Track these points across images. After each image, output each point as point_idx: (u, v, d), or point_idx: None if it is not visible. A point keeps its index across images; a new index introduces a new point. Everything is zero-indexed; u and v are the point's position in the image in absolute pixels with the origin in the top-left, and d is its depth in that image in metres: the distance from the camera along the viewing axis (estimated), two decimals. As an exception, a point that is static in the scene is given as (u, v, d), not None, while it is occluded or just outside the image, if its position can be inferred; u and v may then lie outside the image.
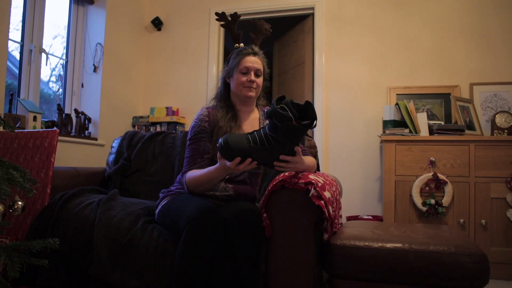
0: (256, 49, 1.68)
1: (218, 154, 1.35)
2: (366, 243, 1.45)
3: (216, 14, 1.75)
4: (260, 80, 1.66)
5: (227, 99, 1.70)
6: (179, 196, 1.56)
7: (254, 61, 1.63)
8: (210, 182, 1.48)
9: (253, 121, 1.72)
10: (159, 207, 1.60)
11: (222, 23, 1.77)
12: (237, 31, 1.77)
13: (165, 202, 1.59)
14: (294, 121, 1.23)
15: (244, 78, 1.61)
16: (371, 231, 1.61)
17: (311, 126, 1.27)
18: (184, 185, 1.56)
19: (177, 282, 1.32)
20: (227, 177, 1.59)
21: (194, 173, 1.52)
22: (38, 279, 1.60)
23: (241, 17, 3.77)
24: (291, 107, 1.23)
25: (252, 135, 1.32)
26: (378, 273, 1.41)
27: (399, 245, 1.41)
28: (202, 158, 1.58)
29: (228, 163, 1.32)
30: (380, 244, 1.43)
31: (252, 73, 1.62)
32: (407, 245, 1.41)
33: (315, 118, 1.27)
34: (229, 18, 1.74)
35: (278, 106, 1.24)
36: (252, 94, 1.64)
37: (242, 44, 1.78)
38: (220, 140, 1.32)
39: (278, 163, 1.34)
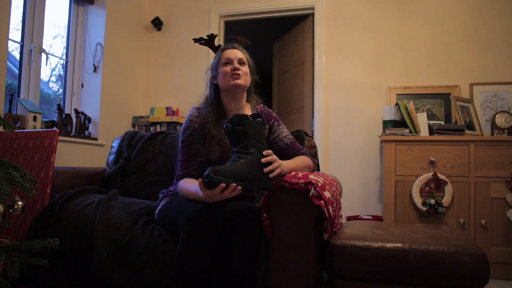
0: (235, 44, 1.70)
1: (201, 185, 1.27)
2: (366, 243, 1.44)
3: (194, 39, 1.82)
4: (245, 69, 1.64)
5: (218, 103, 1.68)
6: (178, 196, 1.56)
7: (235, 52, 1.65)
8: (196, 199, 1.42)
9: None
10: (159, 207, 1.60)
11: (202, 42, 1.80)
12: (216, 44, 1.83)
13: (164, 202, 1.59)
14: (251, 118, 1.38)
15: (228, 68, 1.61)
16: (371, 231, 1.61)
17: (262, 120, 1.44)
18: (177, 191, 1.55)
19: (175, 281, 1.32)
20: None
21: (185, 185, 1.48)
22: (38, 279, 1.60)
23: (241, 17, 3.81)
24: (237, 114, 1.38)
25: (228, 163, 1.35)
26: (378, 273, 1.41)
27: (399, 245, 1.41)
28: (195, 161, 1.57)
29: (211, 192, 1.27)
30: (380, 244, 1.43)
31: (235, 62, 1.62)
32: (407, 245, 1.41)
33: (259, 116, 1.45)
34: (207, 38, 1.79)
35: (230, 120, 1.38)
36: (241, 82, 1.60)
37: None
38: (206, 173, 1.26)
39: (267, 168, 1.36)
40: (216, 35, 1.81)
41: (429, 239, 1.46)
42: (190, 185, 1.46)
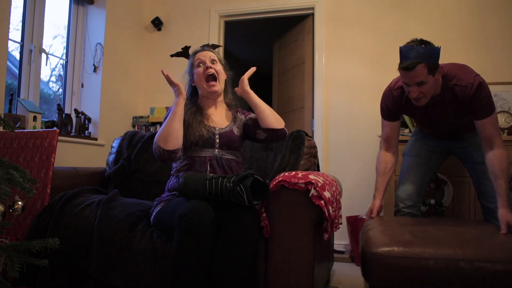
0: (206, 47, 1.78)
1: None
2: (408, 250, 1.29)
3: (171, 55, 1.98)
4: (218, 67, 1.70)
5: (195, 101, 1.76)
6: (172, 201, 1.56)
7: (205, 54, 1.72)
8: (174, 118, 1.55)
9: (225, 114, 1.77)
10: (154, 214, 1.60)
11: (178, 55, 1.93)
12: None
13: (159, 208, 1.59)
14: (247, 202, 1.38)
15: (201, 69, 1.68)
16: (410, 233, 1.44)
17: (262, 201, 1.47)
18: (155, 149, 1.55)
19: (173, 280, 1.31)
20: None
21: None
22: (38, 279, 1.60)
23: (241, 17, 3.81)
24: (248, 192, 1.37)
25: (210, 182, 1.42)
26: (425, 284, 1.26)
27: (449, 252, 1.26)
28: None
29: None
30: (427, 253, 1.27)
31: (207, 61, 1.69)
32: (460, 253, 1.26)
33: (266, 197, 1.46)
34: (181, 50, 1.91)
35: (238, 188, 1.37)
36: (216, 89, 1.69)
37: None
38: (180, 180, 1.46)
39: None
40: (189, 46, 1.89)
41: (489, 247, 1.29)
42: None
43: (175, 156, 1.54)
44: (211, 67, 1.67)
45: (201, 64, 1.69)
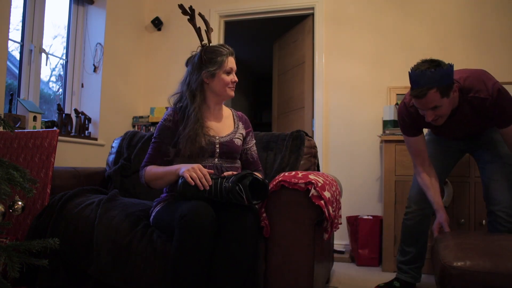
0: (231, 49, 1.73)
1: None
2: (502, 268, 1.14)
3: (179, 5, 1.76)
4: None
5: (202, 103, 1.67)
6: (172, 201, 1.56)
7: (234, 62, 1.70)
8: (166, 178, 1.55)
9: (225, 119, 1.76)
10: (153, 213, 1.60)
11: (188, 17, 1.75)
12: (198, 26, 1.76)
13: (159, 208, 1.59)
14: (246, 202, 1.37)
15: (229, 78, 1.65)
16: (491, 245, 1.30)
17: (262, 201, 1.47)
18: (142, 177, 1.61)
19: (173, 280, 1.31)
20: None
21: (154, 169, 1.59)
22: (38, 279, 1.60)
23: (241, 17, 3.81)
24: (247, 191, 1.36)
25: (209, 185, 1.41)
26: None
27: None
28: (161, 159, 1.64)
29: (184, 169, 1.45)
30: None
31: (234, 73, 1.68)
32: None
33: (266, 196, 1.44)
34: (189, 12, 1.75)
35: (237, 187, 1.36)
36: (233, 94, 1.70)
37: (204, 42, 1.74)
38: (180, 180, 1.44)
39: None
40: (193, 10, 1.74)
41: None
42: (158, 168, 1.57)
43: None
44: (237, 81, 1.69)
45: (230, 73, 1.66)
